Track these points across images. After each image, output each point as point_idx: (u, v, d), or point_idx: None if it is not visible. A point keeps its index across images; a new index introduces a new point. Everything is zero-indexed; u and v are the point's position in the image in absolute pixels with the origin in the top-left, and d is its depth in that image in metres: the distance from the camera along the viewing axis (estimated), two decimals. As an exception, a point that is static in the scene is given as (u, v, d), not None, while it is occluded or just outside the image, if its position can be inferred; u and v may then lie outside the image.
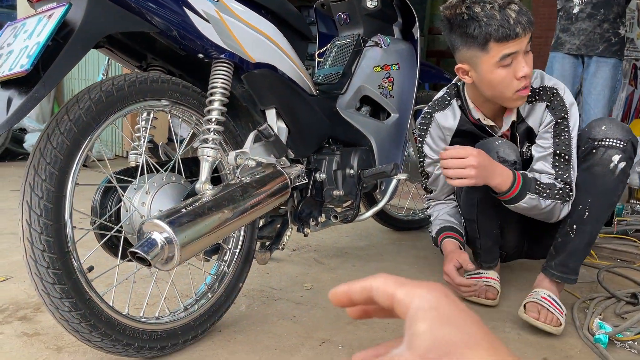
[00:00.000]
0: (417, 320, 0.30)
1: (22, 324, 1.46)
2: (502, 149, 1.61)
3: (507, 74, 1.52)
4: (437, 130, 1.78)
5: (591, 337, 1.49)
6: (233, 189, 1.28)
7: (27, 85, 1.00)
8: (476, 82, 1.59)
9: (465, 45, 1.54)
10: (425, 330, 0.30)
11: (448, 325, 0.30)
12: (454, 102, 1.76)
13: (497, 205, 1.66)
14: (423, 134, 1.81)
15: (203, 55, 1.30)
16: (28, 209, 1.05)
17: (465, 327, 0.30)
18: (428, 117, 1.80)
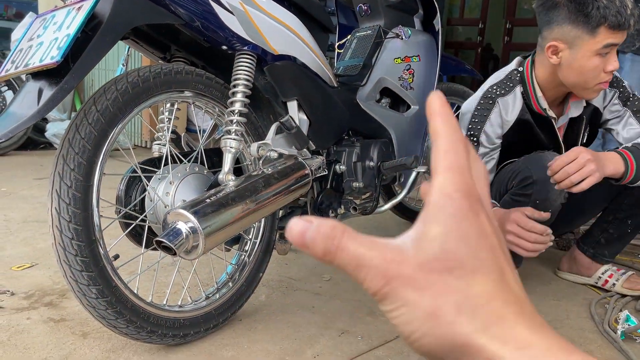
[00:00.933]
0: (433, 221, 0.28)
1: (48, 309, 1.50)
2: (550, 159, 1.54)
3: (599, 63, 1.49)
4: (498, 118, 1.68)
5: (612, 332, 1.49)
6: (255, 180, 1.29)
7: (57, 77, 1.02)
8: (564, 64, 1.53)
9: (571, 23, 1.47)
10: (437, 235, 0.27)
11: (463, 242, 0.27)
12: (517, 89, 1.67)
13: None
14: (482, 120, 1.68)
15: (226, 47, 1.31)
16: (57, 198, 1.08)
17: (480, 252, 0.27)
18: (490, 102, 1.68)
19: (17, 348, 1.29)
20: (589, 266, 1.88)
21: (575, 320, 1.61)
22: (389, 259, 0.27)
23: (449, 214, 0.27)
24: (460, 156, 0.29)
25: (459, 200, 0.28)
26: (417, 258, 0.27)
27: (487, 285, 0.26)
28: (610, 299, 1.76)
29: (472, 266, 0.26)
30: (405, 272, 0.26)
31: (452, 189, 0.28)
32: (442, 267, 0.26)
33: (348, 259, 0.27)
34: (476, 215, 0.28)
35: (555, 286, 1.90)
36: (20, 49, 1.12)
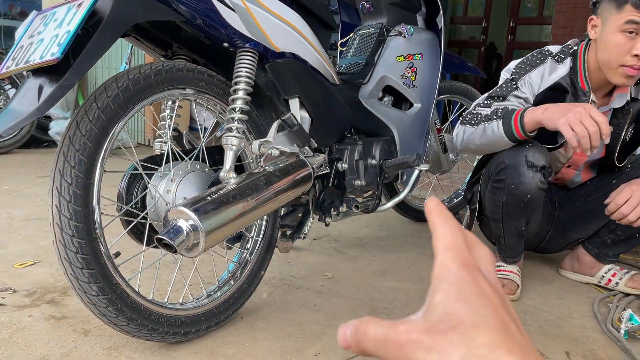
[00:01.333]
0: (436, 291, 0.31)
1: (49, 307, 1.50)
2: (531, 153, 1.58)
3: (625, 42, 1.54)
4: (539, 77, 1.72)
5: (615, 331, 1.48)
6: (257, 177, 1.29)
7: (57, 73, 1.02)
8: (598, 39, 1.61)
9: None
10: (439, 302, 0.30)
11: (463, 303, 0.30)
12: (567, 60, 1.72)
13: (523, 207, 1.64)
14: (528, 69, 1.72)
15: (228, 44, 1.31)
16: (58, 195, 1.07)
17: (480, 309, 0.30)
18: (541, 57, 1.74)
19: (19, 345, 1.29)
20: (592, 265, 1.87)
21: (578, 319, 1.60)
22: (401, 330, 0.31)
23: (449, 282, 0.31)
24: (456, 237, 0.34)
25: (457, 270, 0.31)
26: (425, 325, 0.30)
27: (489, 336, 0.29)
28: (614, 297, 1.75)
29: (473, 322, 0.29)
30: (414, 338, 0.30)
31: (450, 262, 0.32)
32: (445, 327, 0.29)
33: (371, 342, 0.32)
34: (475, 281, 0.31)
35: (558, 285, 1.89)
36: (21, 45, 1.11)
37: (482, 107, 1.69)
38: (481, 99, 1.74)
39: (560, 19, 5.68)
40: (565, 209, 1.93)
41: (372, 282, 1.81)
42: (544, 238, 1.95)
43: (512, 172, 1.60)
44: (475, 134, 1.63)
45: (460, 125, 1.72)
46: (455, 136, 1.74)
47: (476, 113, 1.67)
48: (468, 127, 1.66)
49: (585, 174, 1.91)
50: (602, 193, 1.83)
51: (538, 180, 1.59)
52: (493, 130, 1.58)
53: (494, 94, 1.72)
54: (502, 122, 1.56)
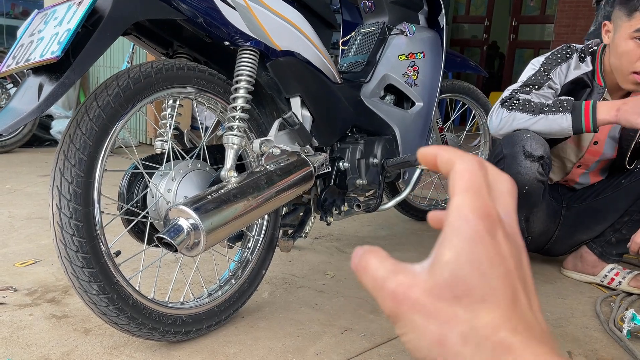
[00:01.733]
0: (447, 245, 0.27)
1: (50, 306, 1.49)
2: (528, 143, 1.59)
3: (635, 49, 1.56)
4: (567, 68, 1.76)
5: (617, 331, 1.47)
6: (258, 176, 1.29)
7: (57, 72, 1.02)
8: (610, 45, 1.64)
9: (619, 4, 1.59)
10: (449, 260, 0.27)
11: (474, 269, 0.26)
12: (588, 59, 1.76)
13: (522, 199, 1.64)
14: (558, 61, 1.76)
15: (229, 42, 1.30)
16: (58, 194, 1.07)
17: (491, 279, 0.26)
18: (569, 52, 1.77)
19: (19, 344, 1.29)
20: (595, 264, 1.87)
21: (580, 319, 1.60)
22: (400, 281, 0.27)
23: (464, 237, 0.27)
24: (477, 176, 0.29)
25: (474, 222, 0.27)
26: (427, 283, 0.27)
27: (494, 314, 0.26)
28: (616, 297, 1.74)
29: (481, 294, 0.26)
30: (414, 297, 0.27)
31: (468, 210, 0.27)
32: (450, 294, 0.26)
33: (368, 279, 0.29)
34: (493, 238, 0.27)
35: (560, 284, 1.88)
36: (21, 44, 1.11)
37: (524, 94, 1.69)
38: (516, 86, 1.74)
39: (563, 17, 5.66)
40: (572, 208, 1.92)
41: (374, 282, 1.80)
42: (550, 238, 1.94)
43: (510, 162, 1.62)
44: (534, 122, 1.61)
45: (505, 111, 1.66)
46: (500, 120, 1.68)
47: (526, 100, 1.65)
48: (520, 114, 1.63)
49: (594, 177, 1.91)
50: (609, 193, 1.83)
51: (536, 171, 1.59)
52: (559, 123, 1.58)
53: (529, 83, 1.73)
54: (572, 115, 1.56)
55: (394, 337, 1.42)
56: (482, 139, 2.69)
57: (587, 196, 1.90)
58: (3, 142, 3.74)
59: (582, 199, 1.91)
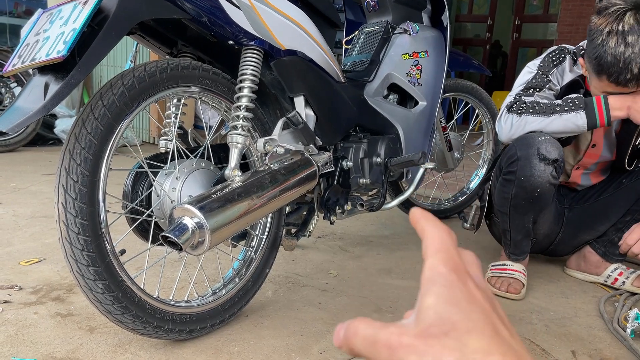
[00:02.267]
0: (427, 294, 0.31)
1: (55, 304, 1.50)
2: (543, 146, 1.58)
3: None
4: (562, 70, 1.76)
5: (621, 330, 1.47)
6: (262, 175, 1.29)
7: (63, 71, 1.02)
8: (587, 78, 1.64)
9: (587, 56, 1.56)
10: (431, 305, 0.30)
11: (455, 307, 0.30)
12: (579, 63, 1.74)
13: (532, 201, 1.64)
14: (553, 64, 1.76)
15: (233, 42, 1.31)
16: (64, 193, 1.08)
17: (471, 314, 0.30)
18: (562, 55, 1.77)
19: (25, 342, 1.29)
20: (598, 264, 1.87)
21: (584, 318, 1.60)
22: (392, 331, 0.30)
23: (440, 285, 0.31)
24: (445, 241, 0.34)
25: (447, 273, 0.31)
26: (416, 328, 0.30)
27: (483, 341, 0.29)
28: (620, 296, 1.74)
29: (466, 327, 0.29)
30: (406, 341, 0.29)
31: (440, 265, 0.32)
32: (438, 331, 0.29)
33: (361, 342, 0.31)
34: (465, 285, 0.31)
35: (564, 284, 1.88)
36: (27, 43, 1.12)
37: (529, 97, 1.69)
38: (518, 90, 1.74)
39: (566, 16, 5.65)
40: (575, 209, 1.92)
41: (377, 281, 1.81)
42: (553, 240, 1.94)
43: (524, 164, 1.61)
44: (548, 123, 1.60)
45: (515, 116, 1.65)
46: (511, 126, 1.66)
47: (534, 102, 1.65)
48: (531, 117, 1.62)
49: (595, 177, 1.91)
50: (611, 193, 1.83)
51: (549, 174, 1.59)
52: (574, 121, 1.57)
53: (530, 86, 1.72)
54: (586, 112, 1.56)
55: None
56: (485, 138, 2.69)
57: (589, 197, 1.90)
58: (7, 141, 3.75)
59: (585, 199, 1.91)
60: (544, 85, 1.71)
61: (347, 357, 1.30)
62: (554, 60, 1.76)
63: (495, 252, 2.06)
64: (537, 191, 1.60)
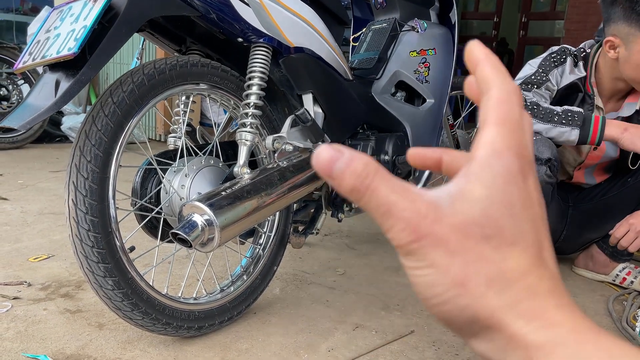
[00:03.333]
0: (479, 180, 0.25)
1: (64, 301, 1.51)
2: (535, 146, 1.59)
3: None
4: (561, 72, 1.75)
5: (630, 329, 1.47)
6: (270, 173, 1.29)
7: (74, 68, 1.02)
8: (621, 59, 1.60)
9: (626, 21, 1.53)
10: (480, 198, 0.25)
11: (507, 210, 0.25)
12: (580, 64, 1.75)
13: None
14: (553, 65, 1.76)
15: (242, 39, 1.30)
16: (74, 190, 1.08)
17: (522, 223, 0.25)
18: (563, 57, 1.76)
19: (34, 338, 1.30)
20: (606, 264, 1.86)
21: (592, 317, 1.59)
22: (423, 213, 0.25)
23: (497, 174, 0.25)
24: (515, 110, 0.26)
25: (509, 160, 0.25)
26: (455, 218, 0.25)
27: (523, 259, 0.25)
28: (629, 295, 1.74)
29: (512, 237, 0.25)
30: (439, 232, 0.24)
31: (503, 145, 0.25)
32: (480, 233, 0.24)
33: (377, 204, 0.25)
34: (525, 179, 0.26)
35: (572, 282, 1.87)
36: (37, 40, 1.12)
37: (526, 92, 1.69)
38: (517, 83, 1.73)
39: (573, 13, 5.62)
40: (579, 208, 1.91)
41: (384, 278, 1.81)
42: (558, 238, 1.94)
43: None
44: (543, 129, 1.61)
45: None
46: None
47: (534, 103, 1.64)
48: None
49: (599, 175, 1.90)
50: (616, 192, 1.82)
51: (543, 174, 1.59)
52: (567, 136, 1.59)
53: (529, 81, 1.72)
54: (580, 131, 1.57)
55: (406, 334, 1.42)
56: (492, 136, 2.68)
57: (594, 195, 1.89)
58: (14, 138, 3.77)
59: (589, 198, 1.90)
60: (542, 83, 1.71)
61: (353, 355, 1.30)
62: (555, 61, 1.75)
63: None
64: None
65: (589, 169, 1.88)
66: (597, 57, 1.73)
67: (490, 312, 0.24)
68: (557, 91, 1.74)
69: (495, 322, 0.24)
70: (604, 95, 1.73)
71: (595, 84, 1.73)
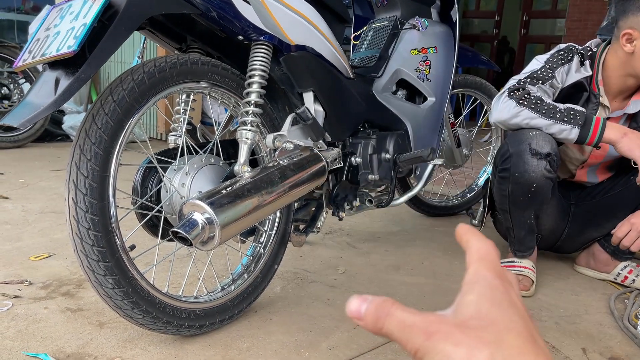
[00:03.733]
0: (468, 292, 0.32)
1: (65, 299, 1.51)
2: (534, 141, 1.58)
3: None
4: (567, 70, 1.74)
5: (632, 328, 1.46)
6: (271, 171, 1.29)
7: (73, 66, 1.02)
8: (637, 52, 1.59)
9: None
10: (472, 301, 0.31)
11: (496, 307, 0.31)
12: (587, 63, 1.73)
13: (530, 196, 1.63)
14: (560, 62, 1.73)
15: (242, 37, 1.30)
16: (74, 188, 1.08)
17: (512, 316, 0.30)
18: (570, 55, 1.75)
19: (35, 337, 1.30)
20: (608, 263, 1.85)
21: (594, 315, 1.59)
22: (430, 320, 0.31)
23: (483, 286, 0.32)
24: (491, 252, 0.35)
25: (491, 278, 0.33)
26: (456, 319, 0.31)
27: (520, 341, 0.29)
28: (630, 294, 1.73)
29: (505, 325, 0.30)
30: (445, 329, 0.30)
31: (485, 270, 0.33)
32: (477, 324, 0.30)
33: (395, 323, 0.32)
34: (507, 291, 0.32)
35: (574, 281, 1.87)
36: (37, 38, 1.12)
37: (531, 86, 1.67)
38: (522, 77, 1.71)
39: (575, 12, 5.60)
40: (581, 206, 1.91)
41: (385, 277, 1.80)
42: (560, 236, 1.93)
43: (517, 160, 1.61)
44: (544, 125, 1.59)
45: (514, 103, 1.62)
46: (508, 112, 1.63)
47: (538, 98, 1.62)
48: (530, 112, 1.60)
49: (602, 174, 1.89)
50: (618, 190, 1.81)
51: (543, 169, 1.58)
52: (566, 134, 1.58)
53: (535, 75, 1.70)
54: (580, 130, 1.56)
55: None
56: (493, 134, 2.68)
57: (596, 193, 1.88)
58: (16, 137, 3.77)
59: (591, 196, 1.89)
60: (547, 79, 1.70)
61: (355, 354, 1.30)
62: (562, 59, 1.74)
63: (502, 249, 2.05)
64: (534, 186, 1.60)
65: (592, 168, 1.88)
66: (605, 55, 1.72)
67: None
68: (562, 90, 1.73)
69: None
70: (610, 93, 1.72)
71: (602, 82, 1.72)
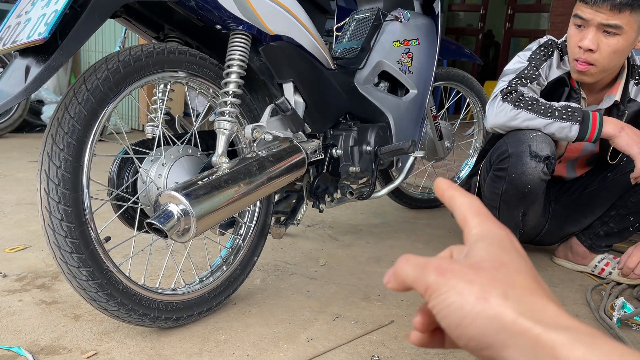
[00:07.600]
0: (478, 240, 0.34)
1: (40, 292, 1.48)
2: (535, 143, 1.56)
3: (574, 35, 1.59)
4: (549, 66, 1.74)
5: (608, 319, 1.48)
6: (249, 162, 1.27)
7: (44, 54, 0.99)
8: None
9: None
10: (483, 247, 0.33)
11: (505, 252, 0.33)
12: (565, 59, 1.73)
13: (522, 197, 1.62)
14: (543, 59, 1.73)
15: (221, 26, 1.28)
16: (46, 178, 1.06)
17: (520, 260, 0.32)
18: (550, 50, 1.74)
19: (9, 330, 1.28)
20: (585, 255, 1.87)
21: (571, 307, 1.60)
22: (445, 261, 0.33)
23: (492, 235, 0.34)
24: (481, 207, 0.36)
25: (497, 229, 0.34)
26: (469, 261, 0.32)
27: (529, 281, 0.31)
28: (607, 285, 1.75)
29: (515, 268, 0.32)
30: (458, 269, 0.31)
31: (488, 223, 0.35)
32: (489, 265, 0.31)
33: (412, 266, 0.33)
34: (512, 244, 0.34)
35: (552, 272, 1.89)
36: (8, 25, 1.09)
37: (523, 87, 1.66)
38: (510, 77, 1.69)
39: (559, 6, 5.63)
40: (560, 202, 1.92)
41: (366, 269, 1.80)
42: (540, 231, 1.95)
43: (515, 161, 1.58)
44: (544, 124, 1.57)
45: (510, 106, 1.60)
46: (503, 115, 1.61)
47: (533, 98, 1.60)
48: (528, 114, 1.59)
49: (580, 168, 1.91)
50: (596, 187, 1.83)
51: (540, 171, 1.57)
52: (566, 132, 1.56)
53: (522, 76, 1.69)
54: (580, 126, 1.55)
55: (386, 324, 1.42)
56: (476, 127, 2.68)
57: (575, 189, 1.90)
58: (-7, 127, 3.70)
59: (570, 192, 1.91)
60: (534, 78, 1.69)
61: (333, 345, 1.30)
62: (544, 54, 1.74)
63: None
64: (528, 187, 1.59)
65: (570, 162, 1.89)
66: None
67: (513, 318, 0.29)
68: (546, 85, 1.73)
69: (519, 327, 0.29)
70: (585, 87, 1.73)
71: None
